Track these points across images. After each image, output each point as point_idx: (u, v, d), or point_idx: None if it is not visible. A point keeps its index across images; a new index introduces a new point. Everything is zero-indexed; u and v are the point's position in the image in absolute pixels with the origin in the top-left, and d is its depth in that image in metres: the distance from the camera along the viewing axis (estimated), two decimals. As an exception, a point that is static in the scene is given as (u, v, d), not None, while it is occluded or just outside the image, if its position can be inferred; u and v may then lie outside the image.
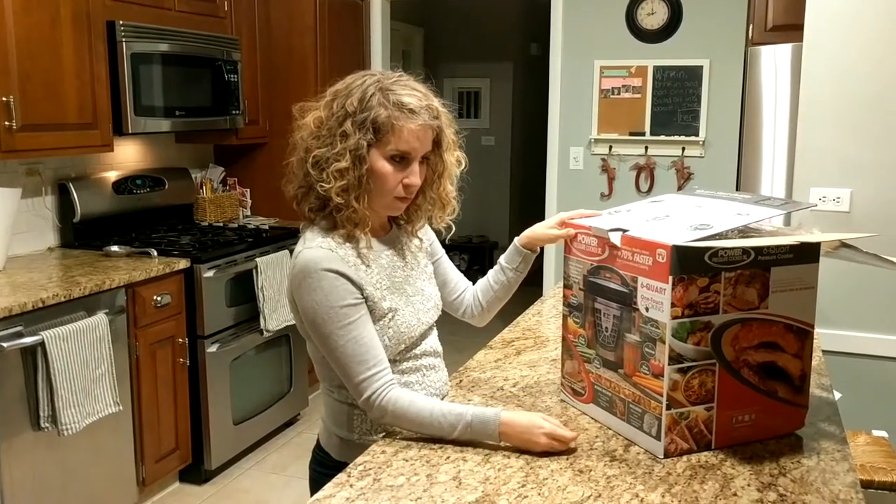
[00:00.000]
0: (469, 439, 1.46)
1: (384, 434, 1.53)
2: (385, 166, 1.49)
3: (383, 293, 1.54)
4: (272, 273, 3.63)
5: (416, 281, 1.65)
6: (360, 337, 1.47)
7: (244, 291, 3.56)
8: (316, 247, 1.49)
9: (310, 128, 1.52)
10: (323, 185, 1.48)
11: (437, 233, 1.75)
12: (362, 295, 1.50)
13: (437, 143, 1.56)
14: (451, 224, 1.70)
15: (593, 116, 4.56)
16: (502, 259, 1.75)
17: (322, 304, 1.46)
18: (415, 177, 1.52)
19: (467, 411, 1.45)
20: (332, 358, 1.49)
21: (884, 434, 2.31)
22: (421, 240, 1.70)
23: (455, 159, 1.61)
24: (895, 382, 2.80)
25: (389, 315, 1.54)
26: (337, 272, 1.46)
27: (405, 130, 1.48)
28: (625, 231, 1.45)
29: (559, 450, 1.43)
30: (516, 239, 1.73)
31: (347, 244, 1.52)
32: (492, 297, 1.77)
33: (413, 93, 1.50)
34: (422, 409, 1.46)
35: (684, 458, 1.40)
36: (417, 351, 1.63)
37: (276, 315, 3.65)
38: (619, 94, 4.50)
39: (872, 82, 2.71)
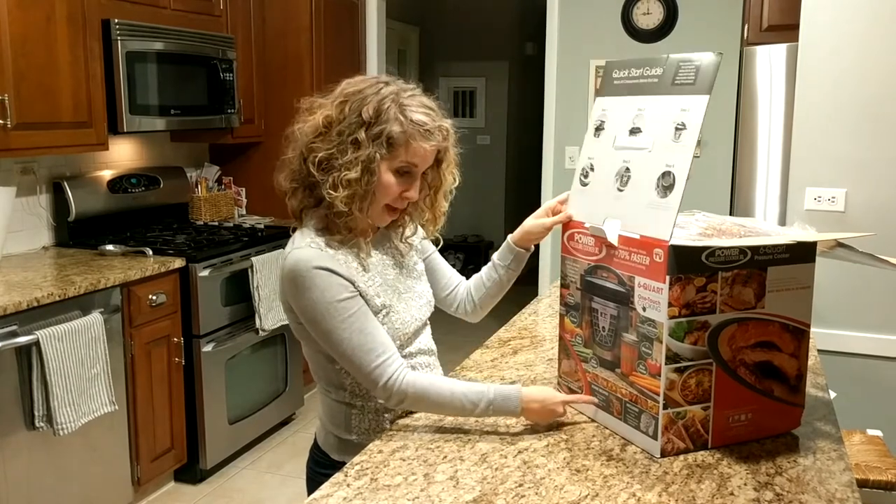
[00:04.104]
0: (490, 416, 1.50)
1: (382, 433, 1.53)
2: (390, 179, 1.50)
3: (376, 290, 1.55)
4: (267, 272, 3.62)
5: (406, 279, 1.65)
6: (363, 327, 1.47)
7: (239, 291, 3.55)
8: (305, 246, 1.49)
9: (316, 125, 1.49)
10: (330, 191, 1.47)
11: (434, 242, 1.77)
12: (355, 288, 1.50)
13: (439, 161, 1.57)
14: (439, 238, 1.74)
15: (589, 115, 4.56)
16: (495, 256, 1.76)
17: (319, 301, 1.46)
18: (414, 191, 1.54)
19: (489, 389, 1.47)
20: (338, 353, 1.49)
21: (878, 433, 2.31)
22: (411, 245, 1.71)
23: (452, 175, 1.62)
24: (890, 381, 2.80)
25: (384, 312, 1.54)
26: (328, 269, 1.46)
27: (418, 149, 1.48)
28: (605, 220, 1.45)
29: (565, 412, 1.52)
30: (509, 236, 1.73)
31: (340, 246, 1.52)
32: (484, 294, 1.78)
33: (428, 111, 1.50)
34: (442, 390, 1.47)
35: (681, 457, 1.40)
36: (412, 349, 1.63)
37: (271, 314, 3.64)
38: (614, 93, 4.49)
39: (867, 82, 2.71)
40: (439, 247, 1.79)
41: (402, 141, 1.47)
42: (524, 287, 1.80)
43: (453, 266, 1.86)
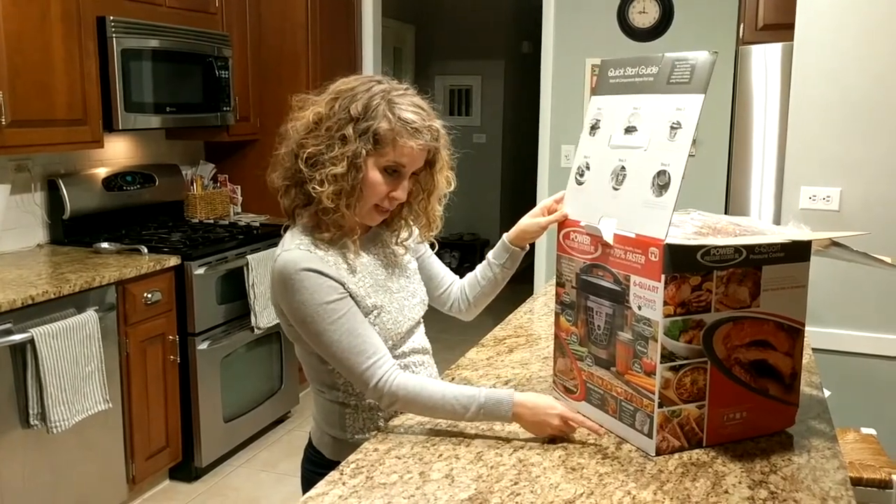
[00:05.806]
0: (482, 421, 1.48)
1: (377, 432, 1.53)
2: (377, 177, 1.49)
3: (367, 290, 1.54)
4: (263, 270, 3.61)
5: (399, 278, 1.65)
6: (353, 328, 1.47)
7: (235, 289, 3.55)
8: (294, 248, 1.49)
9: (307, 122, 1.49)
10: (316, 187, 1.47)
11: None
12: (345, 289, 1.50)
13: (431, 162, 1.56)
14: (434, 241, 1.72)
15: (585, 114, 4.56)
16: (490, 255, 1.76)
17: (308, 303, 1.45)
18: (402, 191, 1.53)
19: (480, 392, 1.46)
20: (329, 355, 1.49)
21: (872, 431, 2.32)
22: (406, 246, 1.70)
23: (446, 179, 1.61)
24: (884, 380, 2.81)
25: (375, 312, 1.54)
26: (316, 271, 1.46)
27: (405, 147, 1.48)
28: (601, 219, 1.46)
29: (566, 434, 1.46)
30: (505, 235, 1.73)
31: (329, 247, 1.52)
32: (479, 292, 1.77)
33: (417, 110, 1.50)
34: (433, 393, 1.46)
35: (676, 455, 1.41)
36: (405, 348, 1.62)
37: (266, 312, 3.64)
38: (610, 92, 4.49)
39: (863, 81, 2.72)
40: (435, 250, 1.79)
41: (389, 138, 1.47)
42: (519, 285, 1.80)
43: (448, 265, 1.86)
